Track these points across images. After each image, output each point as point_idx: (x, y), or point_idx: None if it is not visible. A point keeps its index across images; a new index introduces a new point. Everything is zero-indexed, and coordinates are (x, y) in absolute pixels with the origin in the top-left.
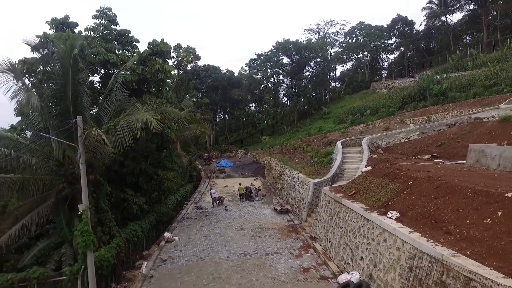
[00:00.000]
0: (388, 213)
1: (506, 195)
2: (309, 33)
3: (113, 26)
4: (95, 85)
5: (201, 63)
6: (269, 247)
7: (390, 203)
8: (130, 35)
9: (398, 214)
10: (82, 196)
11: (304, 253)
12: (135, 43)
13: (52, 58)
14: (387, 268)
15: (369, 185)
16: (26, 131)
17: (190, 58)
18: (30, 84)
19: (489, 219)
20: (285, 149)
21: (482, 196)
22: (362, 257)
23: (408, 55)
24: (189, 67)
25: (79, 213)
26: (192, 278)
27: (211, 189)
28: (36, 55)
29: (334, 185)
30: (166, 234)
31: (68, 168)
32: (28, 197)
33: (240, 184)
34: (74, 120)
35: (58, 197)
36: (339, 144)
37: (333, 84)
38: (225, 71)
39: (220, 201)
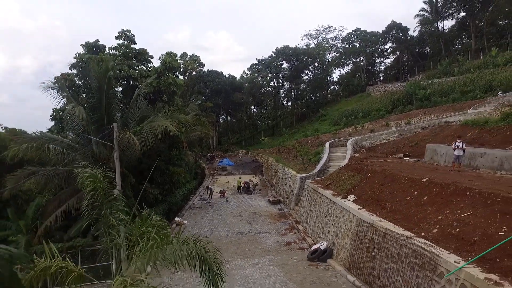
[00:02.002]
0: (348, 196)
1: (422, 180)
2: (308, 39)
3: (132, 46)
4: (117, 95)
5: (204, 62)
6: (261, 228)
7: (352, 189)
8: (146, 52)
9: (355, 197)
10: (115, 183)
11: (289, 233)
12: (150, 58)
13: (89, 75)
14: (343, 236)
15: (341, 177)
16: (64, 132)
17: (195, 66)
18: (70, 94)
19: (409, 197)
20: (282, 149)
21: (409, 182)
22: (329, 231)
23: (404, 60)
24: (193, 73)
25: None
26: None
27: (207, 186)
28: (74, 70)
29: (316, 179)
30: (177, 219)
31: (102, 162)
32: (72, 184)
33: (240, 177)
34: (111, 126)
35: None
36: (327, 144)
37: (332, 87)
38: (227, 76)
39: (222, 194)
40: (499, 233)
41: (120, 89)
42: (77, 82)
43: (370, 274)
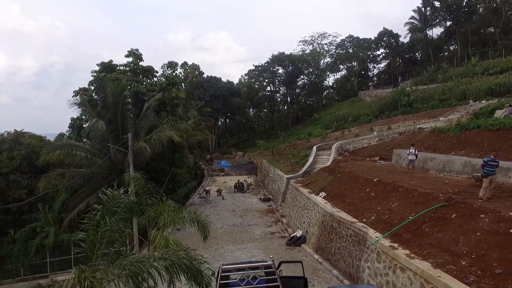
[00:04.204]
0: (320, 193)
1: (374, 180)
2: (303, 45)
3: (140, 63)
4: (129, 107)
5: (203, 70)
6: (251, 221)
7: (324, 188)
8: (152, 69)
9: (325, 194)
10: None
11: (274, 225)
12: (155, 73)
13: (105, 92)
14: (314, 225)
15: (318, 178)
16: (81, 138)
17: (195, 74)
18: (90, 108)
19: (363, 193)
20: (275, 151)
21: (365, 181)
22: (304, 221)
23: (396, 65)
24: (194, 79)
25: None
26: (197, 238)
27: (204, 190)
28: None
29: (299, 179)
30: None
31: (117, 165)
32: (92, 183)
33: (238, 180)
34: (126, 136)
35: (109, 184)
36: (314, 148)
37: (326, 91)
38: (225, 81)
39: (219, 193)
40: (409, 217)
41: (129, 100)
42: (94, 96)
43: (329, 252)
